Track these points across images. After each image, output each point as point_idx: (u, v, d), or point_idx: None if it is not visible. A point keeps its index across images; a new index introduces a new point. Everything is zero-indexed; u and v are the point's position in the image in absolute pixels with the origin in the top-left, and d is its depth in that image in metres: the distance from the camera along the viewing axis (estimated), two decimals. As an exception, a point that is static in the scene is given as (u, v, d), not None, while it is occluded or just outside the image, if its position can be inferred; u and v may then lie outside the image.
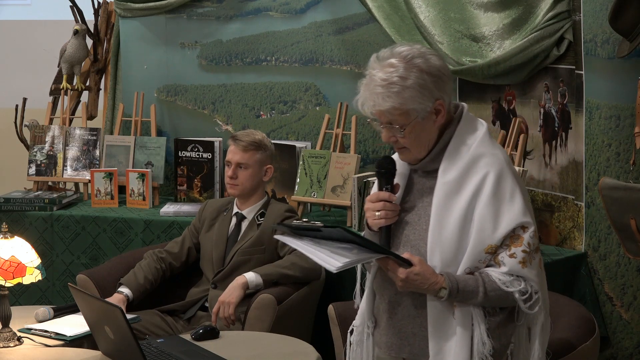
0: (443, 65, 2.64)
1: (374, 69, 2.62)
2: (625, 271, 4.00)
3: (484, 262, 2.58)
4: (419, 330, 2.65)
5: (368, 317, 2.80)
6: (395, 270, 2.58)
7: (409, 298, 2.65)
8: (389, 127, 2.63)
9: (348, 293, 4.31)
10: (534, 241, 2.59)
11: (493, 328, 2.61)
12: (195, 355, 3.26)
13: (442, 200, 2.60)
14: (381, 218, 2.64)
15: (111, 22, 5.62)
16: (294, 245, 2.64)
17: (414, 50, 2.61)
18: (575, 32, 4.10)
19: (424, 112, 2.59)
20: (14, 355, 3.38)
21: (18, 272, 3.45)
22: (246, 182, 4.17)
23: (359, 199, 4.61)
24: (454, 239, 2.57)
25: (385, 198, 2.64)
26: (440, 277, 2.56)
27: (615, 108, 3.93)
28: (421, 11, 4.58)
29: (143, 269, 4.17)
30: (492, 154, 2.62)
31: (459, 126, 2.65)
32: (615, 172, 3.95)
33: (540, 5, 4.22)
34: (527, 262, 2.57)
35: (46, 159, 5.32)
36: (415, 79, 2.57)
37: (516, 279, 2.57)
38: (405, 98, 2.57)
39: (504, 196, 2.57)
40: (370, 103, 2.62)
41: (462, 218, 2.57)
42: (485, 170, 2.59)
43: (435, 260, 2.59)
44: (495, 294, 2.57)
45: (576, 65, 4.10)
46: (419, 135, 2.62)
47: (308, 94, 5.22)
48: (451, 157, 2.62)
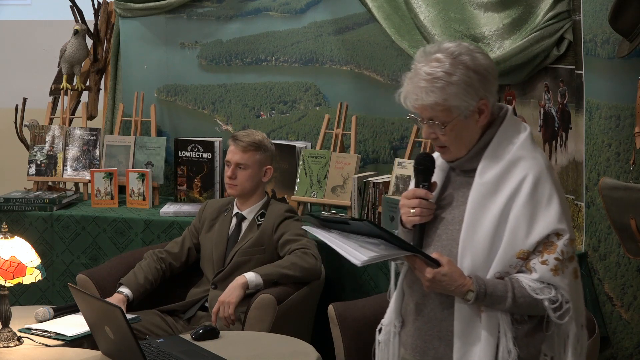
0: (490, 65, 2.58)
1: (420, 62, 2.56)
2: (625, 271, 4.00)
3: (515, 268, 2.52)
4: (444, 334, 2.60)
5: (395, 317, 2.75)
6: (422, 270, 2.53)
7: (436, 300, 2.61)
8: (430, 124, 2.57)
9: (348, 293, 4.32)
10: (568, 249, 2.52)
11: (520, 336, 2.55)
12: (195, 355, 3.26)
13: (477, 200, 2.55)
14: (416, 215, 2.59)
15: (111, 22, 5.62)
16: (321, 237, 2.59)
17: (461, 47, 2.56)
18: (575, 32, 4.10)
19: (467, 111, 2.54)
20: (14, 355, 3.37)
21: (18, 272, 3.45)
22: (245, 182, 4.17)
23: (359, 199, 4.61)
24: (486, 242, 2.52)
25: (422, 195, 2.60)
26: (468, 280, 2.51)
27: (615, 108, 3.93)
28: (421, 11, 4.58)
29: (143, 269, 4.17)
30: (532, 157, 2.56)
31: (501, 127, 2.59)
32: (615, 172, 3.95)
33: (540, 5, 4.22)
34: (559, 270, 2.51)
35: (46, 159, 5.32)
36: (460, 76, 2.52)
37: (547, 286, 2.51)
38: (449, 94, 2.52)
39: (540, 201, 2.52)
40: (413, 97, 2.55)
41: (496, 220, 2.52)
42: (523, 173, 2.53)
43: (466, 262, 2.53)
44: (525, 300, 2.51)
45: (576, 65, 4.10)
46: (460, 134, 2.57)
47: (308, 94, 5.22)
48: (490, 158, 2.57)
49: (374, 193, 4.56)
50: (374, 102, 5.00)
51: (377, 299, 3.59)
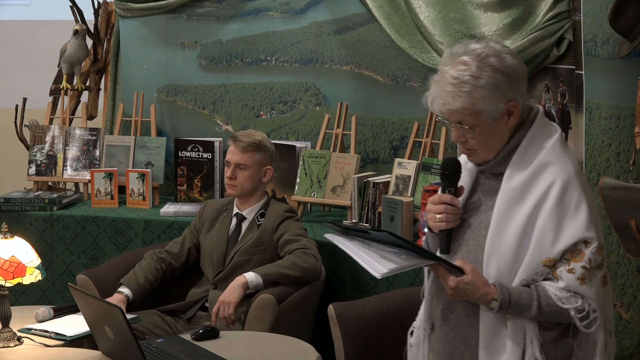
0: (518, 65, 2.52)
1: (446, 65, 2.51)
2: (625, 271, 3.99)
3: (541, 275, 2.48)
4: (471, 340, 2.56)
5: (425, 320, 2.71)
6: (445, 278, 2.50)
7: (461, 306, 2.58)
8: (459, 127, 2.52)
9: (348, 293, 4.32)
10: (596, 257, 2.47)
11: (548, 343, 2.51)
12: (195, 355, 3.26)
13: (504, 206, 2.50)
14: (442, 221, 2.55)
15: (111, 22, 5.62)
16: (342, 246, 2.56)
17: (488, 48, 2.50)
18: (575, 32, 4.10)
19: (496, 114, 2.49)
20: (14, 355, 3.37)
21: (18, 272, 3.45)
22: (245, 182, 4.17)
23: (359, 199, 4.61)
24: (512, 249, 2.48)
25: (448, 201, 2.56)
26: (492, 288, 2.47)
27: (615, 108, 3.93)
28: (421, 11, 4.58)
29: (143, 269, 4.17)
30: (561, 162, 2.50)
31: (531, 129, 2.54)
32: (615, 172, 3.94)
33: (540, 5, 4.22)
34: (587, 279, 2.46)
35: (46, 159, 5.32)
36: (488, 79, 2.46)
37: (573, 295, 2.47)
38: (476, 98, 2.47)
39: (568, 208, 2.47)
40: (440, 101, 2.51)
41: (522, 228, 2.47)
42: (551, 179, 2.48)
43: (491, 268, 2.50)
44: (550, 309, 2.47)
45: (576, 65, 4.09)
46: (489, 137, 2.52)
47: (308, 94, 5.22)
48: (518, 162, 2.52)
49: (374, 193, 4.55)
50: (374, 102, 5.00)
51: (377, 299, 3.59)
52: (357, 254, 2.51)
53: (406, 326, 3.42)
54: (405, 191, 4.46)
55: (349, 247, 2.54)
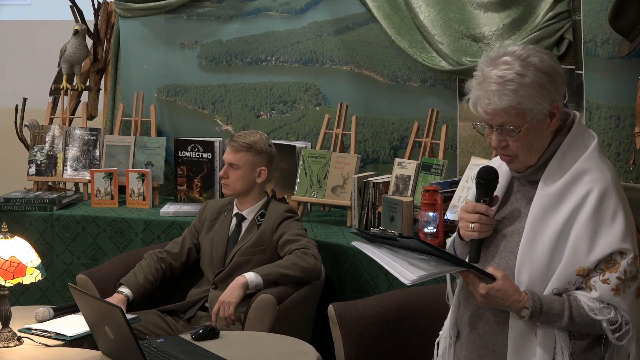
0: (559, 67, 2.49)
1: (487, 66, 2.46)
2: (625, 271, 3.99)
3: (574, 285, 2.43)
4: (499, 347, 2.52)
5: (451, 327, 2.67)
6: (475, 285, 2.46)
7: (491, 313, 2.53)
8: (501, 130, 2.46)
9: (348, 293, 4.32)
10: (632, 269, 2.42)
11: (578, 352, 2.47)
12: (195, 355, 3.26)
13: (538, 213, 2.46)
14: (474, 231, 2.51)
15: (111, 22, 5.62)
16: (370, 254, 2.53)
17: (528, 50, 2.46)
18: (575, 32, 4.10)
19: (541, 114, 2.44)
20: (14, 355, 3.37)
21: (18, 272, 3.45)
22: (236, 182, 4.17)
23: (359, 199, 4.61)
24: (545, 257, 2.43)
25: (482, 211, 2.50)
26: (523, 296, 2.43)
27: (615, 108, 3.93)
28: (421, 11, 4.58)
29: (143, 269, 4.17)
30: (599, 170, 2.45)
31: (568, 136, 2.50)
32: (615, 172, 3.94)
33: (540, 5, 4.22)
34: (621, 290, 2.41)
35: (46, 159, 5.32)
36: (533, 77, 2.42)
37: (606, 306, 2.42)
38: (523, 96, 2.41)
39: (605, 217, 2.41)
40: (485, 101, 2.44)
41: (557, 235, 2.43)
42: (588, 187, 2.43)
43: (523, 277, 2.45)
44: (582, 320, 2.43)
45: (576, 65, 4.09)
46: (533, 140, 2.46)
47: (308, 94, 5.22)
48: (555, 169, 2.48)
49: (374, 193, 4.55)
50: (374, 102, 5.00)
51: (377, 299, 3.58)
52: (386, 262, 2.48)
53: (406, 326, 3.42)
54: (405, 191, 4.46)
55: (377, 254, 2.51)
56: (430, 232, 4.07)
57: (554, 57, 2.51)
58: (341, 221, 4.78)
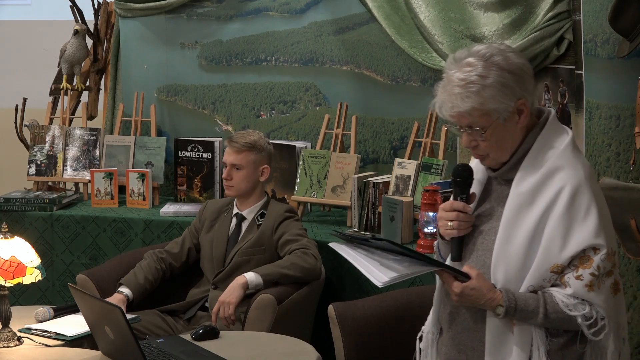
0: (524, 63, 2.50)
1: (451, 69, 2.49)
2: (625, 271, 3.99)
3: (549, 282, 2.45)
4: (477, 344, 2.54)
5: (433, 324, 2.69)
6: (450, 284, 2.48)
7: (467, 311, 2.56)
8: (470, 131, 2.49)
9: (348, 293, 4.32)
10: (606, 264, 2.44)
11: (555, 350, 2.48)
12: (195, 355, 3.26)
13: (513, 211, 2.48)
14: (453, 229, 2.53)
15: (111, 22, 5.62)
16: (345, 255, 2.55)
17: (492, 49, 2.48)
18: (575, 32, 4.10)
19: (506, 113, 2.46)
20: (14, 355, 3.37)
21: (18, 272, 3.45)
22: (241, 183, 4.17)
23: (359, 199, 4.61)
24: (520, 254, 2.45)
25: (460, 208, 2.53)
26: (498, 294, 2.45)
27: (615, 108, 3.93)
28: (421, 11, 4.58)
29: (143, 269, 4.17)
30: (572, 167, 2.47)
31: (542, 133, 2.52)
32: (615, 172, 3.94)
33: (540, 5, 4.22)
34: (595, 285, 2.43)
35: (46, 159, 5.32)
36: (495, 77, 2.44)
37: (581, 302, 2.44)
38: (486, 98, 2.44)
39: (577, 213, 2.43)
40: (449, 105, 2.47)
41: (531, 233, 2.45)
42: (561, 184, 2.45)
43: (499, 275, 2.47)
44: (557, 316, 2.45)
45: (576, 65, 4.09)
46: (501, 138, 2.49)
47: (308, 94, 5.22)
48: (529, 167, 2.49)
49: (374, 193, 4.55)
50: (374, 102, 5.00)
51: (377, 299, 3.59)
52: (360, 263, 2.50)
53: (406, 326, 3.42)
54: (405, 191, 4.46)
55: (352, 255, 2.53)
56: (430, 232, 4.07)
57: (519, 54, 2.52)
58: (341, 221, 4.78)
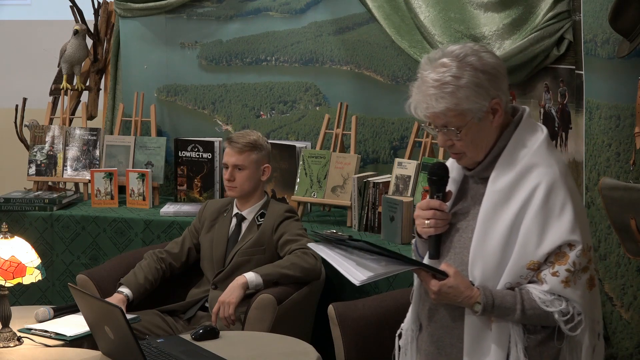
0: (498, 62, 2.52)
1: (426, 70, 2.50)
2: (625, 271, 3.99)
3: (526, 278, 2.48)
4: (456, 341, 2.56)
5: (413, 321, 2.72)
6: (427, 282, 2.51)
7: (446, 308, 2.58)
8: (445, 131, 2.51)
9: (348, 293, 4.32)
10: (581, 260, 2.47)
11: (533, 346, 2.51)
12: (195, 355, 3.26)
13: (489, 209, 2.50)
14: (430, 227, 2.55)
15: (111, 22, 5.62)
16: (323, 255, 2.57)
17: (466, 49, 2.50)
18: (575, 32, 4.10)
19: (480, 112, 2.49)
20: (14, 355, 3.37)
21: (18, 272, 3.45)
22: (244, 183, 4.17)
23: (359, 199, 4.61)
24: (496, 252, 2.47)
25: (436, 207, 2.56)
26: (475, 291, 2.48)
27: (615, 108, 3.93)
28: (421, 11, 4.58)
29: (143, 269, 4.17)
30: (547, 164, 2.50)
31: (516, 131, 2.54)
32: (615, 172, 3.94)
33: (540, 5, 4.22)
34: (571, 281, 2.46)
35: (46, 159, 5.32)
36: (469, 78, 2.46)
37: (557, 298, 2.47)
38: (460, 98, 2.46)
39: (553, 210, 2.46)
40: (424, 105, 2.50)
41: (507, 230, 2.47)
42: (536, 181, 2.47)
43: (477, 272, 2.50)
44: (534, 312, 2.47)
45: (576, 65, 4.10)
46: (476, 137, 2.51)
47: (308, 94, 5.22)
48: (504, 165, 2.52)
49: (374, 193, 4.56)
50: (374, 102, 5.00)
51: (377, 299, 3.59)
52: (338, 262, 2.53)
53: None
54: (405, 191, 4.46)
55: (331, 255, 2.55)
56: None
57: (493, 54, 2.54)
58: (341, 221, 4.78)
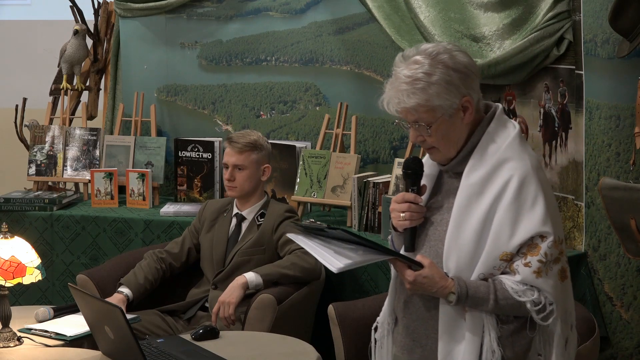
0: (470, 62, 2.58)
1: (399, 67, 2.57)
2: (625, 271, 3.99)
3: (499, 269, 2.53)
4: (431, 332, 2.61)
5: (389, 314, 2.77)
6: (403, 272, 2.55)
7: (421, 300, 2.63)
8: (416, 126, 2.58)
9: (348, 293, 4.32)
10: (553, 251, 2.52)
11: (505, 336, 2.56)
12: (195, 355, 3.26)
13: (463, 202, 2.56)
14: (406, 219, 2.61)
15: (111, 22, 5.62)
16: (302, 244, 2.62)
17: (439, 47, 2.57)
18: (575, 32, 4.10)
19: (451, 109, 2.54)
20: (14, 355, 3.37)
21: (18, 272, 3.45)
22: (244, 183, 4.17)
23: (359, 199, 4.61)
24: (470, 243, 2.53)
25: (411, 199, 2.61)
26: (449, 282, 2.53)
27: (615, 108, 3.93)
28: (421, 11, 4.58)
29: (143, 269, 4.17)
30: (519, 158, 2.56)
31: (489, 127, 2.59)
32: (615, 172, 3.95)
33: (540, 5, 4.22)
34: (543, 272, 2.51)
35: (46, 159, 5.32)
36: (440, 75, 2.52)
37: (529, 288, 2.52)
38: (431, 94, 2.52)
39: (525, 202, 2.52)
40: (395, 101, 2.57)
41: (481, 222, 2.52)
42: (509, 174, 2.53)
43: (451, 263, 2.55)
44: (507, 302, 2.52)
45: (576, 65, 4.10)
46: (447, 134, 2.57)
47: (308, 94, 5.22)
48: (478, 159, 2.57)
49: (374, 193, 4.56)
50: (374, 102, 4.97)
51: (377, 299, 3.59)
52: (316, 251, 2.57)
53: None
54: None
55: (309, 245, 2.60)
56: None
57: (465, 54, 2.60)
58: (341, 221, 4.78)
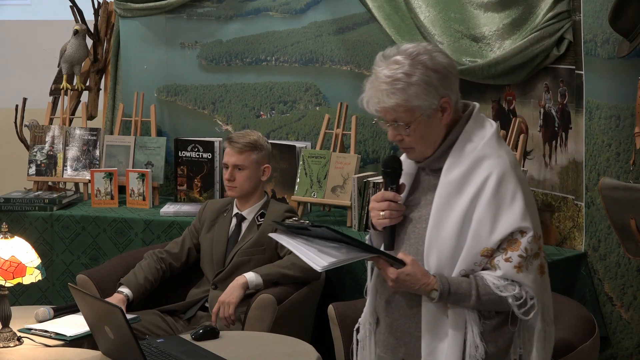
0: (449, 63, 2.61)
1: (380, 66, 2.59)
2: (625, 271, 4.00)
3: (480, 265, 2.56)
4: (414, 330, 2.64)
5: (370, 315, 2.79)
6: (385, 270, 2.57)
7: (403, 298, 2.65)
8: (395, 126, 2.60)
9: (348, 293, 4.32)
10: (533, 246, 2.56)
11: (488, 331, 2.59)
12: (195, 355, 3.26)
13: (442, 199, 2.58)
14: (385, 218, 2.63)
15: (111, 22, 5.62)
16: (285, 244, 2.63)
17: (419, 48, 2.59)
18: (575, 32, 4.10)
19: (430, 110, 2.57)
20: (14, 355, 3.37)
21: (18, 272, 3.45)
22: (244, 183, 4.17)
23: (359, 199, 4.61)
24: (451, 240, 2.56)
25: (390, 198, 2.63)
26: (432, 279, 2.55)
27: (615, 108, 3.93)
28: (421, 11, 4.58)
29: (143, 269, 4.17)
30: (497, 155, 2.59)
31: (467, 125, 2.62)
32: (615, 172, 3.95)
33: (540, 5, 4.22)
34: (523, 267, 2.55)
35: (46, 159, 5.32)
36: (420, 76, 2.54)
37: (511, 283, 2.55)
38: (410, 95, 2.54)
39: (504, 199, 2.55)
40: (375, 100, 2.59)
41: (461, 219, 2.55)
42: (487, 172, 2.56)
43: (432, 261, 2.57)
44: (489, 298, 2.55)
45: (576, 65, 4.10)
46: (425, 134, 2.60)
47: (308, 94, 5.22)
48: (456, 156, 2.60)
49: (374, 193, 4.55)
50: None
51: (377, 299, 3.58)
52: (299, 250, 2.58)
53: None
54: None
55: (292, 244, 2.61)
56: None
57: (445, 55, 2.62)
58: (341, 221, 4.78)
